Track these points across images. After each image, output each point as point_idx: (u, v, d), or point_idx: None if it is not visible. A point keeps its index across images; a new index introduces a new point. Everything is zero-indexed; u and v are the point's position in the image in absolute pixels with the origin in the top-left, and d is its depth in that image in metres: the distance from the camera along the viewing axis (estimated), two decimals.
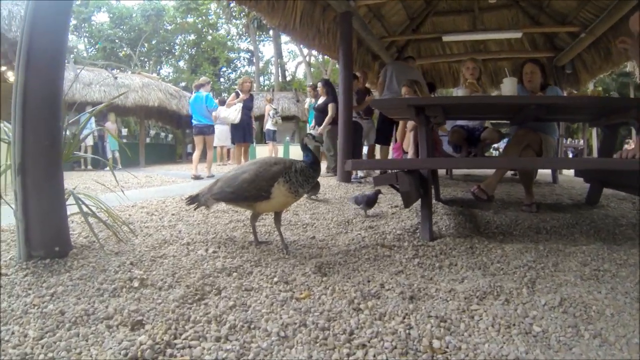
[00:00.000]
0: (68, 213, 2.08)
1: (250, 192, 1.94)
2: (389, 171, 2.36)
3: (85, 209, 2.06)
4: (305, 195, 3.48)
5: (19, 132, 1.73)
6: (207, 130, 6.54)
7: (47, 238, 1.81)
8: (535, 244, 2.18)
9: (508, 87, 2.78)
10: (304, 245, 2.17)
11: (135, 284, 1.54)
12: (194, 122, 6.51)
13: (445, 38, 6.93)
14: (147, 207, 3.29)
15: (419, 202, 2.44)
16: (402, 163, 2.60)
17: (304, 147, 2.07)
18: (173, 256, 1.91)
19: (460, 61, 4.88)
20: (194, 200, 2.23)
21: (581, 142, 15.68)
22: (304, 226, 2.63)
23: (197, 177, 6.23)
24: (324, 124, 5.85)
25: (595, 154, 14.67)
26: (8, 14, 6.87)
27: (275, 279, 1.56)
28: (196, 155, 6.60)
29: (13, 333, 1.18)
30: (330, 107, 5.84)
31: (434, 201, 3.04)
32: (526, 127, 3.06)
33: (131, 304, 1.36)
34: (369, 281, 1.58)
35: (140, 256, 1.89)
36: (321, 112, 6.04)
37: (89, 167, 9.64)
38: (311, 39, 5.53)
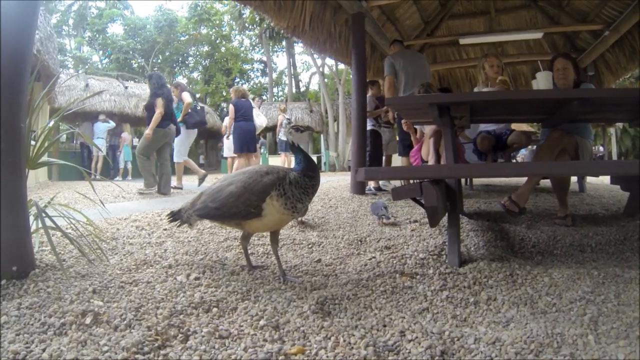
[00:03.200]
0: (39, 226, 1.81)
1: (237, 208, 1.59)
2: (411, 181, 1.97)
3: (49, 222, 1.76)
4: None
5: None
6: None
7: (3, 255, 1.57)
8: (584, 267, 1.80)
9: (543, 82, 2.46)
10: (306, 272, 1.81)
11: (88, 319, 1.22)
12: None
13: (463, 40, 6.59)
14: (140, 221, 3.01)
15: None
16: (427, 171, 2.17)
17: (293, 147, 1.68)
18: (147, 282, 1.58)
19: (476, 66, 4.46)
20: (175, 216, 1.88)
21: (601, 148, 15.00)
22: (310, 246, 2.27)
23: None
24: (151, 124, 4.46)
25: (615, 159, 13.92)
26: None
27: (262, 322, 1.20)
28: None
29: None
30: (157, 103, 4.51)
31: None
32: (560, 129, 2.71)
33: (71, 350, 1.05)
34: (385, 326, 1.21)
35: (108, 281, 1.58)
36: (150, 110, 4.68)
37: (98, 176, 9.49)
38: (322, 42, 5.27)
